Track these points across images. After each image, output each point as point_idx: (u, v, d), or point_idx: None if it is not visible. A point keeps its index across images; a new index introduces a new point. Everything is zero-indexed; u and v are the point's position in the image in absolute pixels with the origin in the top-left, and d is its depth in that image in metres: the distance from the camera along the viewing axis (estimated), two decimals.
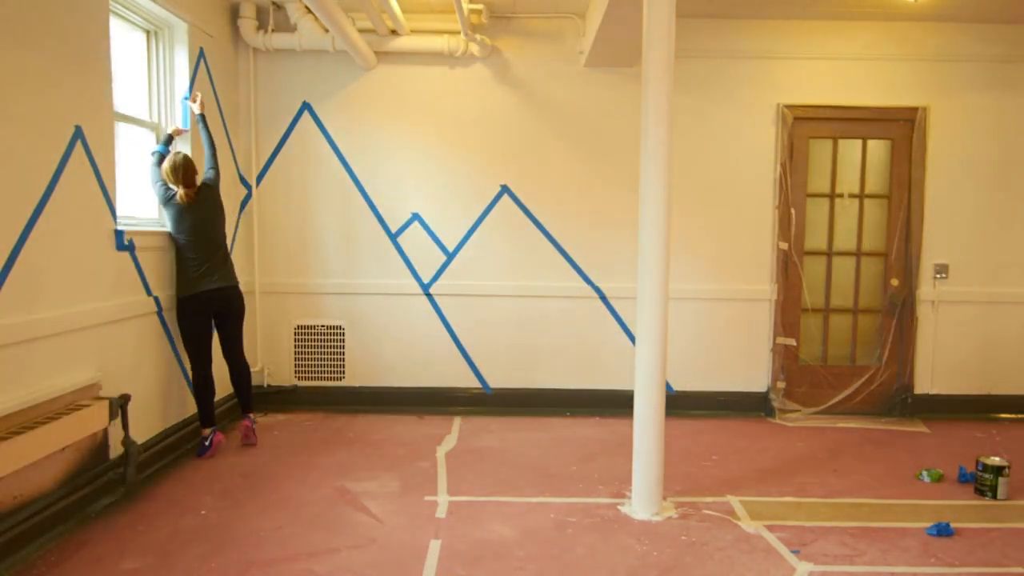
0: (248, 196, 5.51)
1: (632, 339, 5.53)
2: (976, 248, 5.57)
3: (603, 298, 5.60)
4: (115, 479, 3.75)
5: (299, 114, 5.51)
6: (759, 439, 4.99)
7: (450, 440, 4.88)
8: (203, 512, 3.62)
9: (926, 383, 5.63)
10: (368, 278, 5.59)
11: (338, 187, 5.55)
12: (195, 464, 4.30)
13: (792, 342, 5.60)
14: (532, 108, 5.51)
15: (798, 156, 5.54)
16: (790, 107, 5.46)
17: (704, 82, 5.48)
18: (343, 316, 5.58)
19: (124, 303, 3.89)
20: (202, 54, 4.82)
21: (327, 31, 5.19)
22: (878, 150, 5.60)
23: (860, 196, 5.61)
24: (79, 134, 3.52)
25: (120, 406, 3.72)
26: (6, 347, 3.04)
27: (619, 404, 5.40)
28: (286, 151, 5.53)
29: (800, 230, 5.57)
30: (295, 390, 5.62)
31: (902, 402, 5.60)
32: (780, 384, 5.59)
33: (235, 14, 5.27)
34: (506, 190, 5.55)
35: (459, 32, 5.26)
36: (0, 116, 3.03)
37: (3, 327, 3.01)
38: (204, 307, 4.33)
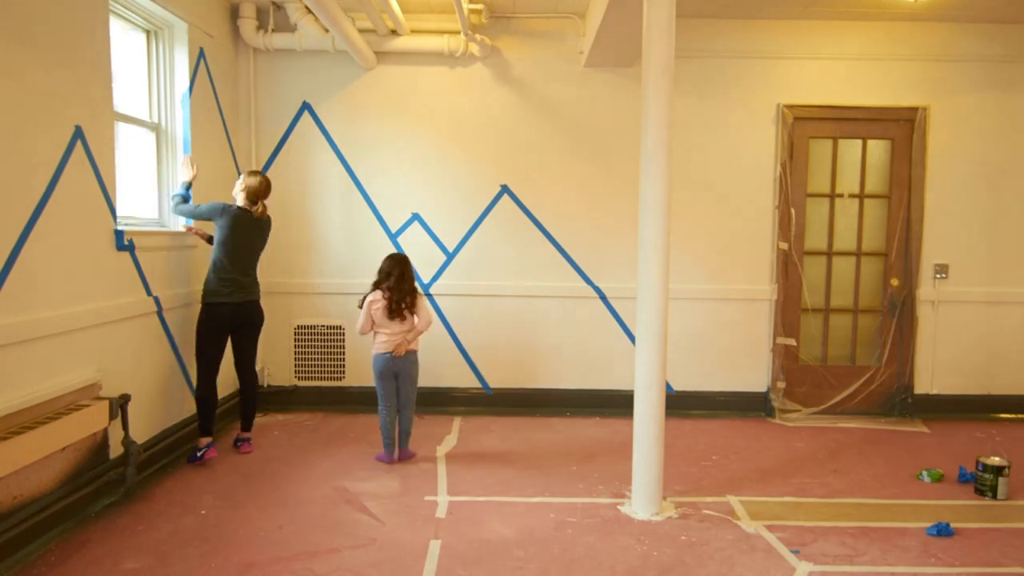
0: None
1: (632, 339, 5.52)
2: (976, 248, 5.57)
3: (603, 298, 5.60)
4: (115, 479, 3.74)
5: (299, 114, 5.51)
6: (759, 439, 5.00)
7: (450, 440, 4.88)
8: (203, 512, 3.62)
9: (926, 383, 5.63)
10: (368, 278, 5.53)
11: (338, 187, 5.55)
12: (195, 464, 4.31)
13: (792, 342, 5.60)
14: (532, 108, 5.51)
15: (798, 156, 5.54)
16: (790, 107, 5.46)
17: (704, 82, 5.48)
18: (343, 316, 5.58)
19: (124, 303, 3.89)
20: (202, 54, 4.82)
21: (327, 31, 5.20)
22: (878, 150, 5.60)
23: (860, 196, 5.61)
24: (79, 134, 3.52)
25: (120, 406, 3.72)
26: (6, 347, 3.03)
27: (619, 404, 5.41)
28: (286, 151, 5.54)
29: (800, 230, 5.57)
30: (295, 390, 5.62)
31: (902, 402, 5.60)
32: (780, 384, 5.59)
33: (235, 14, 5.27)
34: (506, 190, 5.55)
35: (459, 32, 5.26)
36: (0, 116, 3.03)
37: (3, 327, 3.00)
38: (227, 317, 4.36)
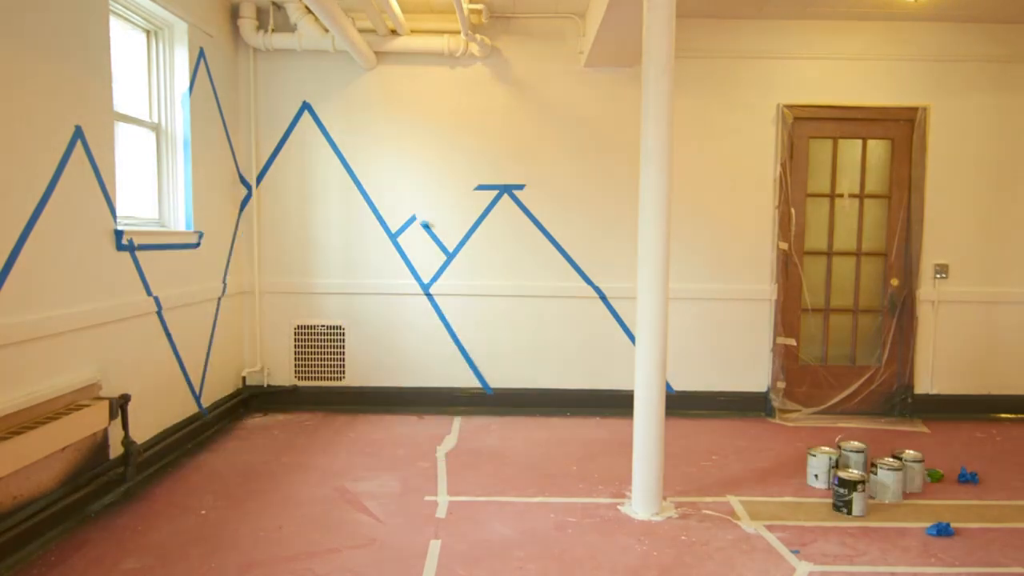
0: (248, 196, 5.51)
1: (632, 339, 5.52)
2: (976, 248, 5.57)
3: (603, 298, 5.60)
4: (115, 479, 3.74)
5: (299, 114, 5.51)
6: (759, 439, 5.00)
7: (450, 440, 4.88)
8: (203, 512, 3.62)
9: (926, 383, 5.63)
10: (368, 278, 5.59)
11: (338, 187, 5.55)
12: (195, 464, 4.30)
13: (792, 342, 5.60)
14: (532, 108, 5.51)
15: (798, 156, 5.54)
16: (790, 107, 5.46)
17: (704, 82, 5.48)
18: (343, 316, 5.58)
19: (124, 303, 3.89)
20: (202, 54, 4.82)
21: (327, 31, 5.20)
22: (878, 150, 5.60)
23: (860, 196, 5.61)
24: (79, 134, 3.52)
25: (120, 406, 3.72)
26: (6, 347, 3.04)
27: (619, 404, 5.41)
28: (286, 151, 5.53)
29: (800, 230, 5.57)
30: (295, 390, 5.61)
31: (902, 402, 5.60)
32: (780, 384, 5.59)
33: (235, 14, 5.27)
34: (506, 190, 5.55)
35: (459, 32, 5.26)
36: (0, 116, 3.03)
37: (3, 327, 3.01)
38: None
